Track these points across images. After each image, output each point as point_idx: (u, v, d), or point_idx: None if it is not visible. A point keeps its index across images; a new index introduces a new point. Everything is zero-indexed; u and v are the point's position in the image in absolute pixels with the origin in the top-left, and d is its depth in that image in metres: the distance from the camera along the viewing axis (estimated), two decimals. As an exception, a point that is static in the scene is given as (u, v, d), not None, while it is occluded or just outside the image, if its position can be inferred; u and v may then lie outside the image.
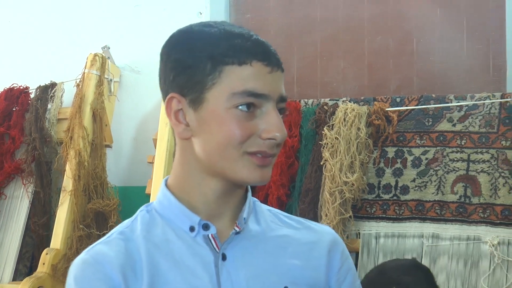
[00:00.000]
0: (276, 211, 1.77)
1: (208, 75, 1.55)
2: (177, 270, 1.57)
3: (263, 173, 1.58)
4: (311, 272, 1.68)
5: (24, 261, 4.31)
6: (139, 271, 1.57)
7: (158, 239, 1.61)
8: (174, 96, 1.59)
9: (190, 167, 1.63)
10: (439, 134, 3.76)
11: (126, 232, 1.64)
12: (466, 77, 4.24)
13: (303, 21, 4.56)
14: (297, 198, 3.78)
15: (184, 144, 1.62)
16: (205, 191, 1.62)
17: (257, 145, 1.55)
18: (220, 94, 1.54)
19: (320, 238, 1.74)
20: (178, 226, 1.62)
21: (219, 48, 1.55)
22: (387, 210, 3.74)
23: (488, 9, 4.22)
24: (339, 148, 3.70)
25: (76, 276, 1.57)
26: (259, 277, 1.61)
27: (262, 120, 1.55)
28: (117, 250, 1.58)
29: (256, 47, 1.56)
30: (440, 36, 4.30)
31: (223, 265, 1.59)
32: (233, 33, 1.57)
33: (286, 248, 1.68)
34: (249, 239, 1.64)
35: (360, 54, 4.45)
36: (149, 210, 1.68)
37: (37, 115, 4.41)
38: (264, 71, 1.55)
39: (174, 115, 1.60)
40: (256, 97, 1.54)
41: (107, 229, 4.18)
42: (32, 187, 4.37)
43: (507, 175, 3.60)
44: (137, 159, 4.66)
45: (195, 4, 4.67)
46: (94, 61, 4.46)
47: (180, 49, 1.60)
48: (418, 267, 2.81)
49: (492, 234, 3.54)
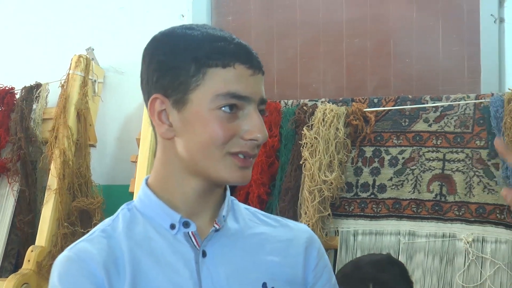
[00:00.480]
0: (254, 210, 1.78)
1: (192, 76, 1.54)
2: (158, 267, 1.57)
3: (244, 174, 1.58)
4: (289, 269, 1.68)
5: (9, 258, 4.30)
6: (121, 268, 1.55)
7: (139, 237, 1.60)
8: (157, 97, 1.59)
9: (172, 166, 1.61)
10: (416, 134, 3.75)
11: (108, 230, 1.62)
12: (441, 78, 4.24)
13: (283, 24, 4.54)
14: (277, 197, 3.78)
15: (167, 144, 1.62)
16: (185, 190, 1.61)
17: (239, 145, 1.55)
18: (204, 96, 1.54)
19: (297, 235, 1.74)
20: (159, 224, 1.61)
21: (203, 50, 1.55)
22: (365, 208, 3.73)
23: (463, 13, 4.22)
24: (318, 148, 3.70)
25: (60, 273, 1.55)
26: (238, 274, 1.60)
27: (244, 122, 1.55)
28: (100, 248, 1.57)
29: (239, 50, 1.56)
30: (417, 39, 4.30)
31: (203, 262, 1.59)
32: (216, 36, 1.57)
33: (264, 246, 1.68)
34: (228, 236, 1.64)
35: (339, 56, 4.44)
36: (130, 208, 1.66)
37: (22, 115, 4.39)
38: (247, 73, 1.55)
39: (157, 115, 1.60)
40: (239, 99, 1.54)
41: (91, 227, 4.13)
42: (18, 186, 4.35)
43: (481, 174, 3.60)
44: (121, 158, 4.64)
45: (178, 6, 4.66)
46: (78, 62, 4.43)
47: (163, 51, 1.59)
48: (393, 263, 2.78)
49: (467, 231, 3.54)
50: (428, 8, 4.29)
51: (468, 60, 4.19)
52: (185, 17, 4.61)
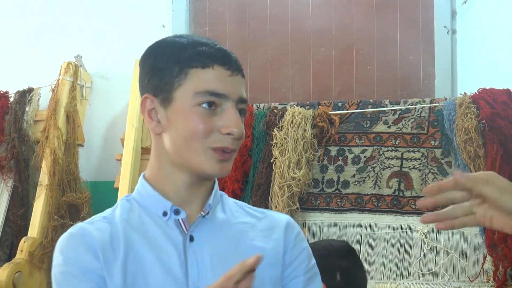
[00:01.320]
0: (242, 204, 1.81)
1: (175, 77, 1.59)
2: (149, 247, 1.61)
3: (223, 167, 1.61)
4: (271, 252, 1.70)
5: (3, 249, 4.27)
6: (116, 247, 1.60)
7: (134, 222, 1.65)
8: (147, 96, 1.64)
9: (162, 160, 1.66)
10: (376, 135, 3.76)
11: (108, 217, 1.68)
12: (400, 84, 4.26)
13: (256, 33, 4.55)
14: (250, 192, 3.77)
15: (157, 139, 1.66)
16: (175, 181, 1.65)
17: (219, 141, 1.58)
18: (186, 94, 1.58)
19: (278, 222, 1.76)
20: (153, 212, 1.65)
21: (186, 54, 1.60)
22: (330, 202, 3.73)
23: (419, 24, 4.24)
24: (288, 147, 3.70)
25: (62, 246, 1.62)
26: (222, 256, 1.63)
27: (221, 117, 1.59)
28: (99, 229, 1.63)
29: (218, 53, 1.61)
30: (377, 48, 4.31)
31: (190, 245, 1.62)
32: (199, 42, 1.62)
33: (248, 232, 1.71)
34: (215, 224, 1.68)
35: (306, 63, 4.45)
36: (129, 199, 1.71)
37: (16, 117, 4.36)
38: (225, 74, 1.59)
39: (148, 113, 1.64)
40: (217, 96, 1.58)
41: (80, 220, 4.16)
42: (11, 182, 4.33)
43: (436, 171, 3.61)
44: (107, 156, 4.63)
45: (159, 18, 4.64)
46: (67, 69, 4.42)
47: (153, 56, 1.66)
48: (352, 250, 2.77)
49: (423, 223, 3.53)
50: (387, 20, 4.30)
51: (424, 68, 4.21)
52: (166, 28, 4.59)
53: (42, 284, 4.09)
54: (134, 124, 4.07)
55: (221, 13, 4.62)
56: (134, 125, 4.06)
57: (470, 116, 3.48)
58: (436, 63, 4.18)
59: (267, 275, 1.67)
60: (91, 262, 1.57)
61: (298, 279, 1.74)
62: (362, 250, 3.59)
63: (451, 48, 4.13)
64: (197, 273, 1.60)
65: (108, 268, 1.57)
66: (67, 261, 1.58)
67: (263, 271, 1.63)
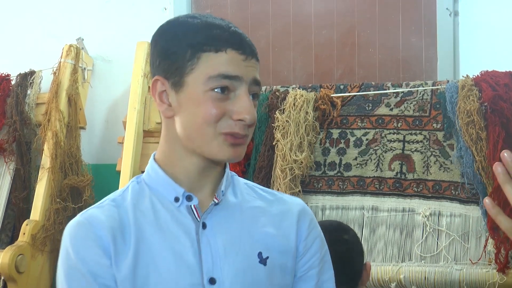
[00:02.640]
0: (253, 184, 1.78)
1: (188, 61, 1.56)
2: (161, 235, 1.58)
3: (235, 151, 1.58)
4: (282, 239, 1.68)
5: (6, 232, 4.27)
6: (127, 235, 1.58)
7: (145, 207, 1.62)
8: (158, 79, 1.61)
9: (173, 144, 1.63)
10: (378, 118, 3.74)
11: (118, 199, 1.64)
12: (402, 67, 4.25)
13: (257, 16, 4.53)
14: (251, 175, 3.76)
15: (168, 122, 1.63)
16: (187, 165, 1.62)
17: (229, 126, 1.55)
18: (198, 78, 1.55)
19: (290, 208, 1.74)
20: (164, 197, 1.63)
21: (199, 37, 1.56)
22: (332, 185, 3.72)
23: (421, 6, 4.23)
24: (289, 130, 3.68)
25: (70, 235, 1.58)
26: (235, 243, 1.61)
27: (234, 102, 1.55)
28: (108, 215, 1.59)
29: (232, 37, 1.57)
30: (379, 31, 4.30)
31: (203, 233, 1.60)
32: (213, 24, 1.58)
33: (260, 218, 1.68)
34: (227, 209, 1.65)
35: (308, 46, 4.43)
36: (139, 181, 1.68)
37: (17, 100, 4.34)
38: (239, 58, 1.56)
39: (159, 96, 1.62)
40: (230, 79, 1.54)
41: (82, 203, 4.23)
42: (13, 165, 4.32)
43: (438, 154, 3.60)
44: (108, 139, 4.63)
45: (161, 0, 4.63)
46: (69, 52, 4.41)
47: (165, 37, 1.62)
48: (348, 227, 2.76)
49: (425, 206, 3.54)
50: (389, 2, 4.29)
51: (426, 50, 4.20)
52: (167, 10, 4.57)
53: (44, 267, 4.10)
54: (136, 107, 4.06)
55: (222, -5, 4.61)
56: (136, 107, 4.05)
57: (472, 99, 3.47)
58: (438, 46, 4.16)
59: (277, 262, 1.65)
60: (101, 260, 1.54)
61: (314, 270, 1.73)
62: (364, 233, 3.58)
63: (453, 30, 4.12)
64: (211, 261, 1.58)
65: (117, 258, 1.55)
66: (78, 257, 1.55)
67: (273, 258, 1.64)
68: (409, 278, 3.35)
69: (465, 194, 3.49)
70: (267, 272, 1.62)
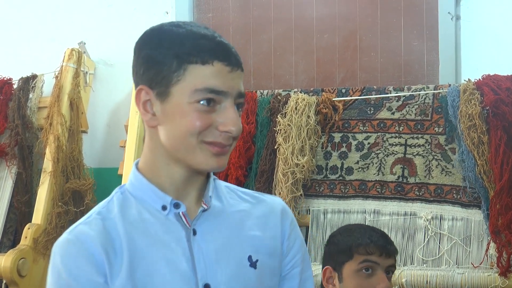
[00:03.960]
0: (233, 187, 1.77)
1: (173, 71, 1.53)
2: (153, 245, 1.57)
3: (218, 161, 1.57)
4: (269, 241, 1.69)
5: (8, 235, 4.26)
6: (118, 247, 1.55)
7: (133, 218, 1.59)
8: (143, 88, 1.58)
9: (157, 153, 1.61)
10: (380, 122, 3.74)
11: (103, 212, 1.62)
12: (403, 70, 4.25)
13: (259, 20, 4.53)
14: (253, 179, 3.76)
15: (152, 132, 1.61)
16: (171, 174, 1.61)
17: (213, 136, 1.54)
18: (184, 90, 1.53)
19: (273, 209, 1.74)
20: (151, 206, 1.61)
21: (185, 47, 1.53)
22: (334, 189, 3.72)
23: (422, 10, 4.23)
24: (291, 134, 3.69)
25: (61, 255, 1.56)
26: (226, 248, 1.62)
27: (220, 114, 1.54)
28: (97, 230, 1.57)
29: (218, 48, 1.55)
30: (381, 35, 4.30)
31: (194, 239, 1.59)
32: (198, 34, 1.55)
33: (246, 221, 1.68)
34: (214, 215, 1.64)
35: (310, 50, 4.43)
36: (123, 192, 1.66)
37: (19, 104, 4.34)
38: (225, 70, 1.54)
39: (143, 105, 1.59)
40: (216, 94, 1.53)
41: (84, 206, 4.21)
42: (15, 169, 4.31)
43: (440, 158, 3.60)
44: (110, 143, 4.63)
45: (162, 4, 4.64)
46: (71, 55, 4.41)
47: (150, 45, 1.58)
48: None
49: (426, 210, 3.55)
50: (391, 7, 4.29)
51: (428, 54, 4.20)
52: (169, 14, 4.58)
53: (46, 270, 4.05)
54: (137, 110, 4.03)
55: (224, 0, 4.61)
56: (138, 111, 4.04)
57: (474, 103, 3.47)
58: (440, 50, 4.17)
59: (266, 264, 1.66)
60: (95, 278, 1.52)
61: (297, 269, 1.75)
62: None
63: (455, 34, 4.12)
64: (205, 268, 1.58)
65: (112, 272, 1.53)
66: (70, 276, 1.53)
67: (262, 261, 1.65)
68: (411, 281, 3.34)
69: (467, 198, 3.49)
70: (258, 274, 1.63)
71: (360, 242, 2.58)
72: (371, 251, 2.54)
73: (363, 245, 2.56)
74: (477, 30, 4.08)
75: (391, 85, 3.95)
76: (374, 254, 2.55)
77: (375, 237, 2.60)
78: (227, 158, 1.60)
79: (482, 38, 4.07)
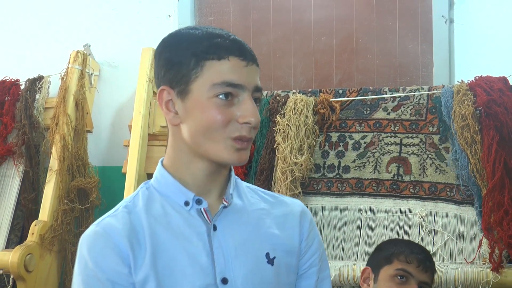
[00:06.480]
0: (254, 187, 1.81)
1: (192, 69, 1.57)
2: (175, 239, 1.60)
3: (240, 155, 1.60)
4: (287, 240, 1.72)
5: (15, 232, 4.26)
6: (142, 240, 1.59)
7: (157, 213, 1.63)
8: (164, 88, 1.62)
9: (180, 150, 1.64)
10: (376, 121, 3.74)
11: (129, 206, 1.66)
12: (398, 72, 4.26)
13: (259, 23, 4.54)
14: (253, 177, 3.76)
15: (174, 130, 1.64)
16: (194, 171, 1.64)
17: (237, 130, 1.57)
18: (202, 85, 1.56)
19: (292, 210, 1.78)
20: (174, 201, 1.64)
21: (201, 46, 1.57)
22: (331, 187, 3.72)
23: (417, 14, 4.24)
24: (290, 133, 3.68)
25: (88, 246, 1.59)
26: (244, 245, 1.64)
27: (239, 107, 1.57)
28: (123, 222, 1.61)
29: (233, 44, 1.58)
30: (377, 37, 4.31)
31: (215, 234, 1.63)
32: (214, 34, 1.59)
33: (265, 220, 1.71)
34: (234, 212, 1.68)
35: (308, 52, 4.44)
36: (148, 187, 1.70)
37: (26, 104, 4.35)
38: (240, 65, 1.57)
39: (165, 104, 1.63)
40: (233, 87, 1.56)
41: (88, 204, 4.23)
42: (23, 167, 4.33)
43: (434, 156, 3.60)
44: (114, 142, 4.64)
45: (165, 8, 4.64)
46: (76, 57, 4.43)
47: (169, 48, 1.63)
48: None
49: (421, 207, 3.54)
50: (386, 10, 4.30)
51: (422, 56, 4.21)
52: (172, 17, 4.59)
53: (52, 266, 4.10)
54: (141, 111, 4.06)
55: (225, 3, 4.61)
56: (141, 112, 4.05)
57: (467, 103, 3.47)
58: (434, 52, 4.18)
59: (283, 261, 1.69)
60: (120, 268, 1.56)
61: (315, 268, 1.77)
62: (362, 233, 3.58)
63: (449, 37, 4.13)
64: (224, 262, 1.60)
65: (136, 264, 1.56)
66: (96, 266, 1.56)
67: (279, 258, 1.67)
68: (406, 277, 3.35)
69: (460, 195, 3.49)
70: (275, 271, 1.66)
71: (402, 250, 2.72)
72: (410, 261, 2.67)
73: (404, 254, 2.70)
74: (470, 33, 4.09)
75: (387, 86, 3.94)
76: (411, 264, 2.68)
77: (417, 250, 2.76)
78: (248, 153, 1.62)
79: (475, 40, 4.08)
